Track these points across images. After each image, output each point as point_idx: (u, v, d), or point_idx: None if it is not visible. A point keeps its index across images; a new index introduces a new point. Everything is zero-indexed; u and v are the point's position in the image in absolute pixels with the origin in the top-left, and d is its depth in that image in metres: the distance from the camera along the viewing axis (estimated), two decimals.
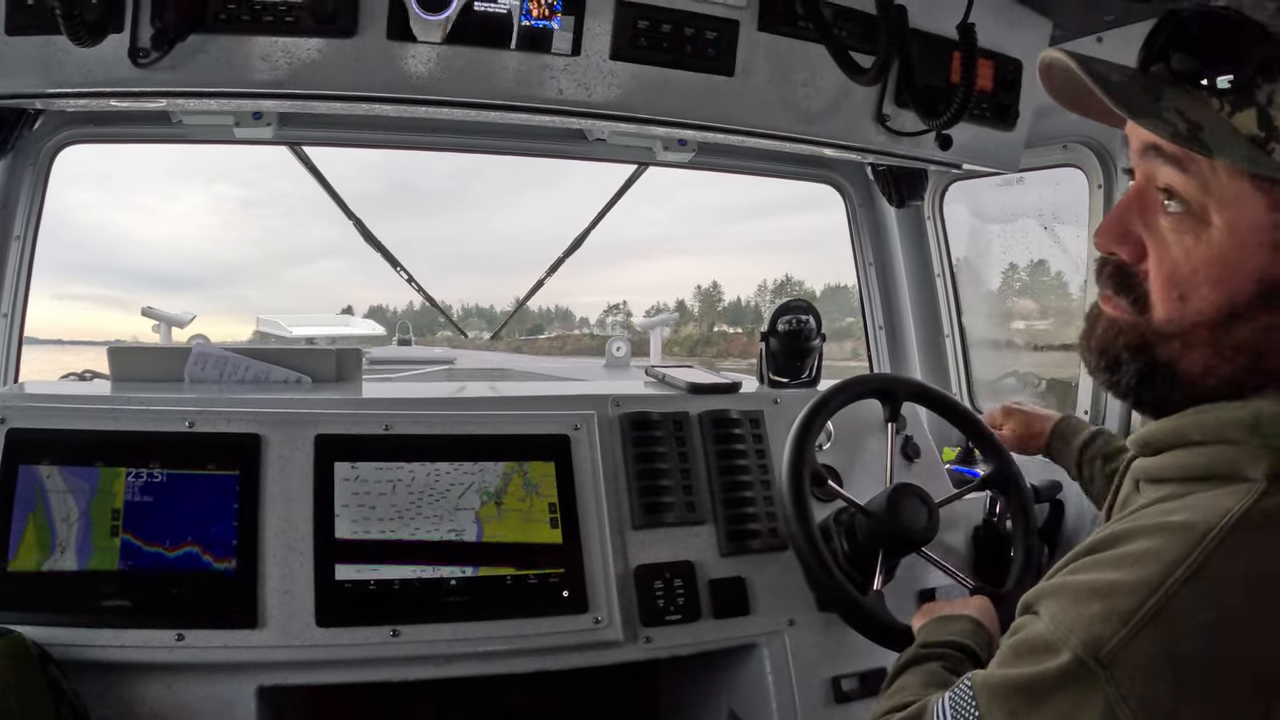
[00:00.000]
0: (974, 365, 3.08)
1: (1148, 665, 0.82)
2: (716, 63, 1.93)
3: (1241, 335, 0.91)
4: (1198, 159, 0.89)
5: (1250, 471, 0.89)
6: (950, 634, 1.53)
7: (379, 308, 15.48)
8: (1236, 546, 0.84)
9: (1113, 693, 0.82)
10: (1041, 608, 0.93)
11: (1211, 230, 0.90)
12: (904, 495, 1.93)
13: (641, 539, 2.02)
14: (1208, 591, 0.83)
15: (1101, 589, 0.87)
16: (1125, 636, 0.83)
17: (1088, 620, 0.86)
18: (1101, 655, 0.83)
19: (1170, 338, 0.95)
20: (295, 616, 1.68)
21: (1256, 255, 0.88)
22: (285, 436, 1.81)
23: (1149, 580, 0.84)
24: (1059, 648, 0.87)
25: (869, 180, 2.98)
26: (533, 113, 1.91)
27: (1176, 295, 0.93)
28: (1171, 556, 0.85)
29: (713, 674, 2.09)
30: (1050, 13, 2.11)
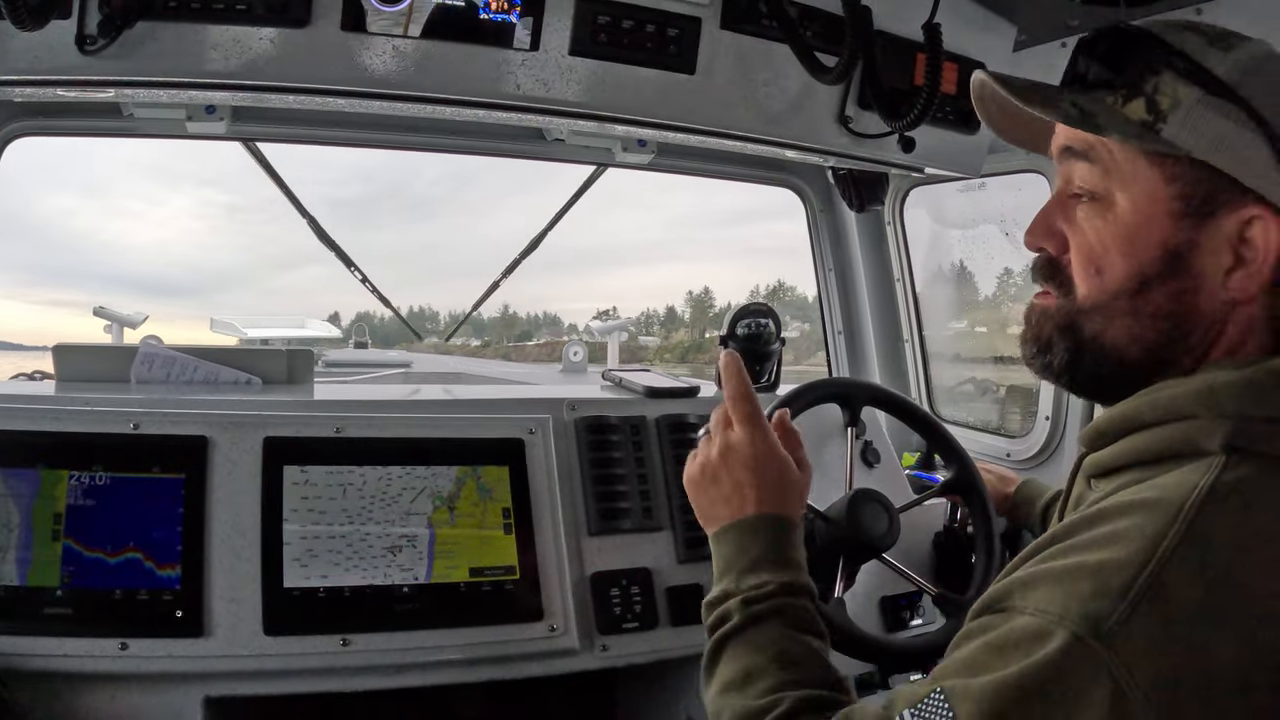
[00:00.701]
0: (934, 371, 3.13)
1: (1151, 639, 0.86)
2: (678, 60, 1.94)
3: (1156, 302, 1.03)
4: (1101, 150, 1.05)
5: (1206, 445, 0.97)
6: (764, 567, 1.35)
7: (366, 314, 15.37)
8: (1212, 516, 0.91)
9: (1120, 671, 0.85)
10: (1017, 601, 0.95)
11: (1117, 209, 1.05)
12: (864, 501, 1.95)
13: (598, 545, 2.03)
14: (1195, 560, 0.88)
15: (1090, 568, 0.91)
16: (1125, 611, 0.86)
17: (1081, 600, 0.89)
18: (1103, 633, 0.86)
19: (1092, 312, 1.08)
20: (242, 625, 1.67)
21: (1159, 225, 1.02)
22: (233, 439, 1.80)
23: (1138, 554, 0.89)
24: (1052, 632, 0.89)
25: (829, 184, 3.03)
26: (490, 109, 1.91)
27: (1094, 271, 1.07)
28: (1154, 530, 0.90)
29: (671, 682, 2.11)
30: (1015, 18, 2.15)
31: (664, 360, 18.08)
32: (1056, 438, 2.60)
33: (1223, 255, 1.01)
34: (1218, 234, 1.00)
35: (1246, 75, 1.00)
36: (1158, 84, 1.02)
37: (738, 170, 2.98)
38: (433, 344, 10.56)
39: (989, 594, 1.01)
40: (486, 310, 16.47)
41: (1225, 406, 0.97)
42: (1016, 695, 0.89)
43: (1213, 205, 1.00)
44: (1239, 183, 0.99)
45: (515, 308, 16.93)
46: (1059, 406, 2.59)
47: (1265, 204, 0.99)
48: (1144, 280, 1.03)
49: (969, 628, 1.01)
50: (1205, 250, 1.01)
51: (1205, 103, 1.00)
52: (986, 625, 0.98)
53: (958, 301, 3.18)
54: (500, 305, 18.53)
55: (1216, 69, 1.00)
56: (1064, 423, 2.57)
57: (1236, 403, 0.97)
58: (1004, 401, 3.05)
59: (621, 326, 5.12)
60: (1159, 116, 1.01)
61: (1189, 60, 1.01)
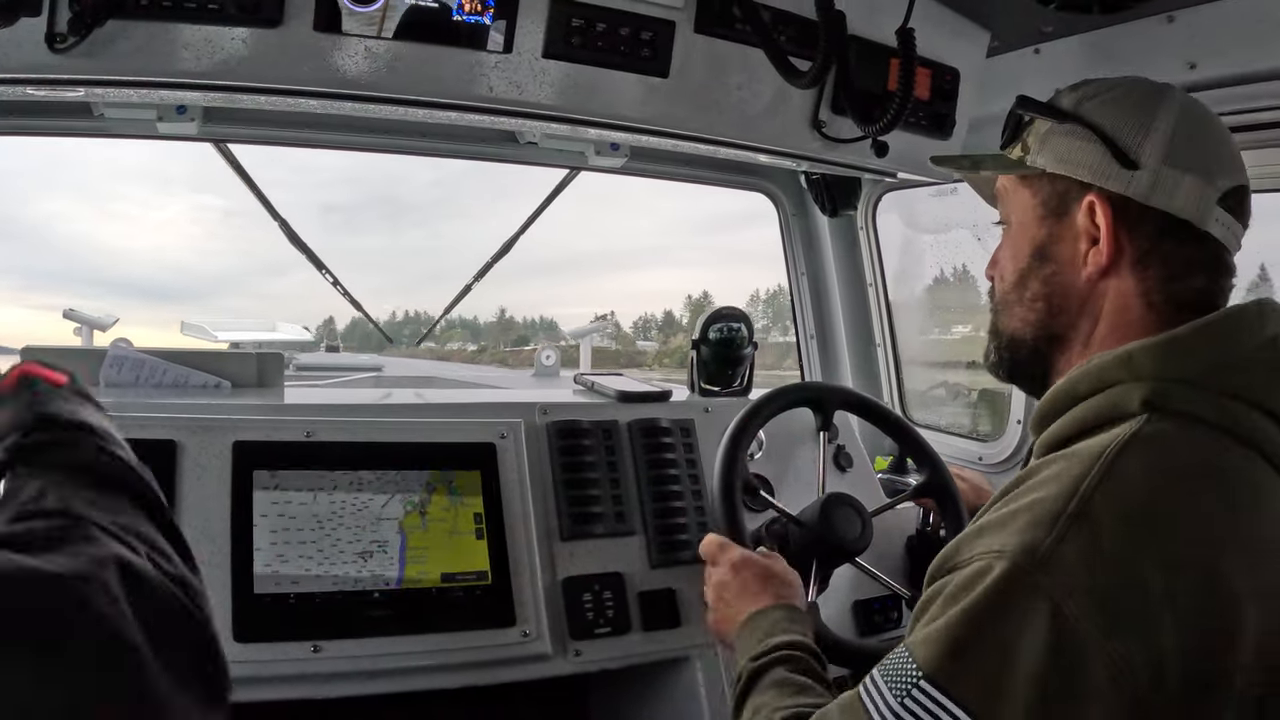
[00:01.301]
0: (906, 376, 3.17)
1: (1080, 558, 1.00)
2: (651, 64, 1.97)
3: (1033, 287, 1.32)
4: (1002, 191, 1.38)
5: (1129, 407, 1.14)
6: (770, 635, 1.58)
7: (361, 319, 15.23)
8: (1130, 458, 1.07)
9: (1056, 591, 0.99)
10: (963, 554, 1.11)
11: (1011, 228, 1.37)
12: (836, 505, 1.99)
13: (570, 550, 2.06)
14: (1115, 493, 1.04)
15: (1023, 509, 1.08)
16: (1055, 538, 1.02)
17: (1015, 534, 1.05)
18: (1037, 559, 1.01)
19: (998, 311, 1.39)
20: None
21: (1031, 229, 1.32)
22: (202, 443, 1.81)
23: (1064, 490, 1.06)
24: (992, 566, 1.04)
25: (802, 189, 3.07)
26: (463, 111, 1.93)
27: (999, 279, 1.39)
28: (1079, 471, 1.07)
29: (644, 688, 2.14)
30: (989, 24, 2.20)
31: (663, 365, 18.03)
32: (1028, 441, 2.64)
33: (1079, 241, 1.26)
34: (1072, 226, 1.27)
35: (1084, 100, 1.29)
36: (1029, 129, 1.33)
37: (711, 175, 3.02)
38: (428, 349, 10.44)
39: (937, 561, 1.17)
40: (483, 315, 16.39)
41: (1143, 370, 1.16)
42: (965, 628, 1.03)
43: (1065, 205, 1.28)
44: (1082, 183, 1.25)
45: (512, 312, 17.12)
46: (1030, 410, 2.63)
47: (1102, 192, 1.24)
48: (1023, 274, 1.33)
49: (928, 594, 1.14)
50: (1064, 240, 1.28)
51: (1054, 129, 1.29)
52: (940, 587, 1.11)
53: (930, 306, 3.23)
54: (497, 310, 18.61)
55: (1061, 103, 1.31)
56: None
57: (1153, 366, 1.16)
58: (976, 405, 3.10)
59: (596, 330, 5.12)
60: (1026, 150, 1.32)
61: (1042, 105, 1.32)
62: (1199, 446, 1.11)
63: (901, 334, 3.14)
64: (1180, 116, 1.23)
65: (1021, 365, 1.37)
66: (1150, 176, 1.21)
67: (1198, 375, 1.14)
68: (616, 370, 2.72)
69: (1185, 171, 1.21)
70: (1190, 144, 1.22)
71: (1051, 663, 0.97)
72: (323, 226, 78.95)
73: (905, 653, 1.08)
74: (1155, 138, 1.22)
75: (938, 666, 1.02)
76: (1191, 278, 1.23)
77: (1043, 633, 0.98)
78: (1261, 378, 1.14)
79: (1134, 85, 1.29)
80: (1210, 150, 1.24)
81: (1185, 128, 1.23)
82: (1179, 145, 1.22)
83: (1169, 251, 1.23)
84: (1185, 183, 1.21)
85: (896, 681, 1.06)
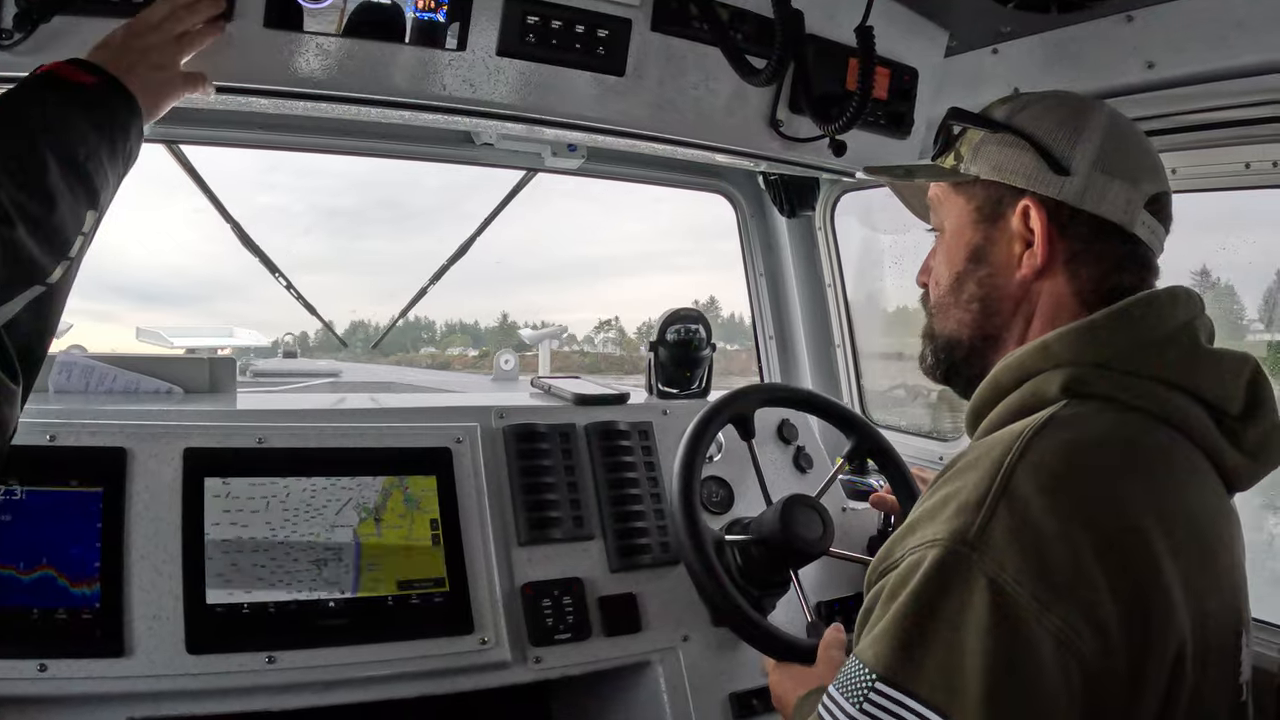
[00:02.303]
0: (866, 377, 3.22)
1: (1010, 534, 1.05)
2: (607, 62, 1.99)
3: (970, 290, 1.39)
4: (935, 201, 1.46)
5: (1049, 393, 1.22)
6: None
7: (360, 323, 15.09)
8: (1047, 437, 1.14)
9: (991, 567, 1.03)
10: (898, 551, 1.15)
11: (945, 235, 1.44)
12: (797, 506, 2.03)
13: (528, 555, 2.09)
14: (1035, 465, 1.10)
15: (950, 497, 1.13)
16: (983, 519, 1.06)
17: (945, 523, 1.09)
18: (969, 540, 1.06)
19: (935, 315, 1.47)
20: (164, 644, 1.69)
21: (965, 234, 1.40)
22: (152, 450, 1.82)
23: (986, 473, 1.11)
24: (925, 557, 1.08)
25: (760, 190, 3.12)
26: (417, 110, 1.93)
27: (934, 284, 1.47)
28: (999, 453, 1.13)
29: (606, 694, 2.17)
30: (948, 24, 2.25)
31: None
32: None
33: (1014, 244, 1.34)
34: (1006, 229, 1.35)
35: (1016, 111, 1.38)
36: (962, 140, 1.42)
37: (668, 176, 3.05)
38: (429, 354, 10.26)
39: (874, 564, 1.22)
40: (485, 320, 16.29)
41: (1060, 356, 1.24)
42: (909, 622, 1.06)
43: (999, 209, 1.36)
44: (1015, 187, 1.34)
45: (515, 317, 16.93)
46: None
47: (1036, 196, 1.32)
48: (959, 277, 1.40)
49: (867, 600, 1.19)
50: (999, 243, 1.36)
51: (987, 139, 1.38)
52: (881, 587, 1.15)
53: (889, 307, 3.27)
54: (499, 315, 18.46)
55: (995, 114, 1.40)
56: None
57: (1068, 351, 1.24)
58: (935, 406, 3.16)
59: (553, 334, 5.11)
60: (960, 159, 1.41)
61: (976, 117, 1.41)
62: (1116, 424, 1.19)
63: (861, 335, 3.19)
64: (1108, 126, 1.34)
65: (957, 366, 1.44)
66: (1082, 182, 1.30)
67: (1113, 359, 1.22)
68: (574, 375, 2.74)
69: (1114, 177, 1.31)
70: (1118, 152, 1.32)
71: (999, 640, 1.00)
72: (328, 231, 78.53)
73: (855, 661, 1.10)
74: (1085, 145, 1.31)
75: (889, 665, 1.05)
76: (1120, 275, 1.32)
77: (985, 612, 1.01)
78: (1178, 359, 1.23)
79: (1064, 97, 1.39)
80: (1135, 158, 1.33)
81: (1113, 137, 1.33)
82: (1108, 153, 1.31)
83: (1099, 252, 1.32)
84: (1114, 188, 1.30)
85: (851, 689, 1.08)
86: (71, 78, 1.44)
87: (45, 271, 1.33)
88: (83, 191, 1.39)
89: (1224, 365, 1.25)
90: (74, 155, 1.38)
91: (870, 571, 1.22)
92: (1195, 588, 1.11)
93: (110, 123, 1.46)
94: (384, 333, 3.82)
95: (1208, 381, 1.23)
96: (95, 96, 1.45)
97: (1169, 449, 1.19)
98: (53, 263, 1.34)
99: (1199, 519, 1.17)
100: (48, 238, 1.33)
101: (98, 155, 1.42)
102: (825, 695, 1.13)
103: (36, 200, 1.31)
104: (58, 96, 1.41)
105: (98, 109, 1.45)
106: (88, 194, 1.41)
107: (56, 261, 1.35)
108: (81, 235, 1.40)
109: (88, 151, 1.40)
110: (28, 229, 1.29)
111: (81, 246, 1.41)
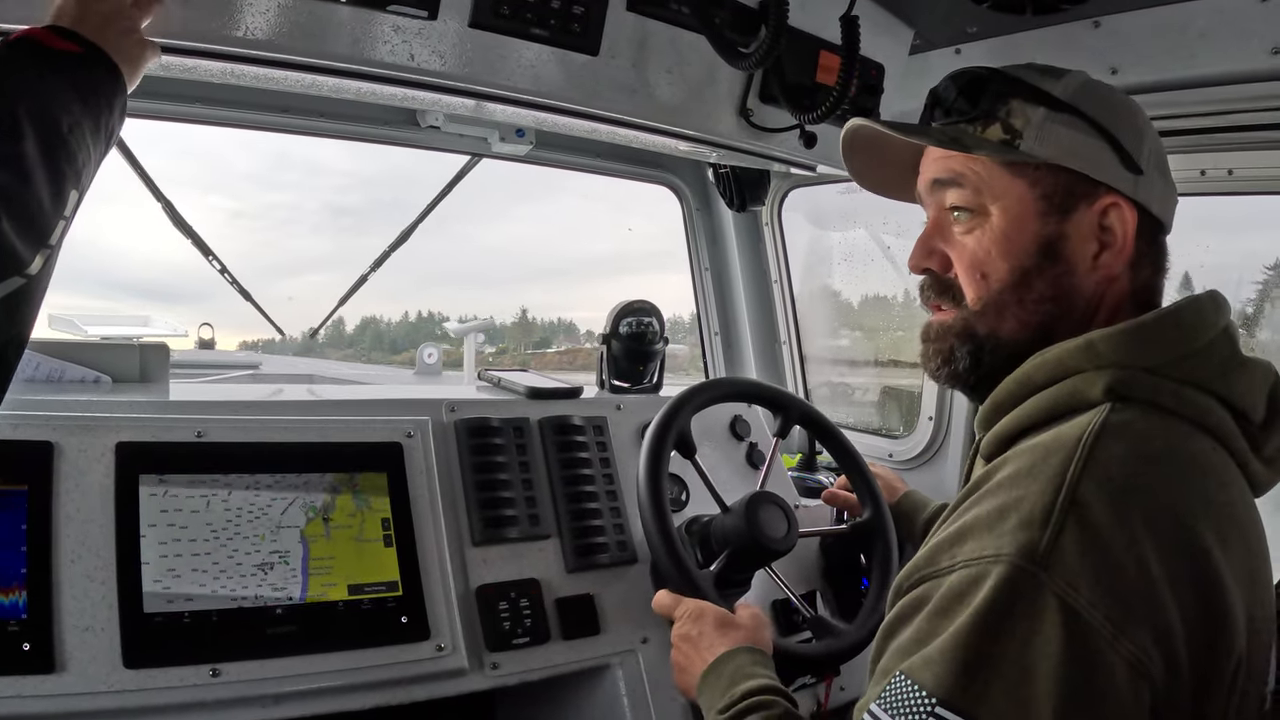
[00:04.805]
0: (813, 373, 3.18)
1: (1081, 551, 0.96)
2: (581, 40, 1.87)
3: (1039, 289, 1.21)
4: (969, 174, 1.24)
5: (1091, 395, 1.12)
6: (736, 682, 1.52)
7: (371, 318, 14.65)
8: (1107, 446, 1.04)
9: (1061, 587, 0.95)
10: (944, 561, 1.05)
11: (992, 219, 1.23)
12: (760, 506, 1.95)
13: (483, 556, 1.96)
14: (1100, 479, 1.01)
15: (1010, 506, 1.02)
16: (1052, 533, 0.97)
17: (1009, 535, 0.99)
18: (1038, 557, 0.96)
19: (984, 312, 1.25)
20: (99, 658, 1.50)
21: (1031, 224, 1.21)
22: (81, 444, 1.62)
23: (1051, 483, 1.01)
24: (989, 572, 0.98)
25: (707, 183, 3.04)
26: (381, 83, 1.78)
27: (979, 276, 1.24)
28: (1059, 460, 1.04)
29: (565, 698, 2.05)
30: (914, 21, 2.20)
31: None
32: (940, 437, 2.69)
33: (1089, 241, 1.20)
34: (1081, 224, 1.20)
35: (1080, 94, 1.23)
36: (1009, 110, 1.23)
37: (615, 166, 2.96)
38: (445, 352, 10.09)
39: (910, 570, 1.10)
40: (502, 316, 15.93)
41: (1105, 357, 1.14)
42: (975, 640, 0.96)
43: (1073, 201, 1.20)
44: (1091, 179, 1.20)
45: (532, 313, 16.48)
46: (942, 407, 2.68)
47: (1117, 193, 1.20)
48: (1024, 273, 1.21)
49: (901, 608, 1.08)
50: (1073, 239, 1.20)
51: (1051, 118, 1.21)
52: (922, 597, 1.05)
53: (837, 303, 3.24)
54: (518, 310, 17.98)
55: (1054, 91, 1.23)
56: (947, 422, 2.66)
57: (1115, 354, 1.13)
58: (884, 403, 3.13)
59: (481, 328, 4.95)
60: (1015, 135, 1.22)
61: (1031, 88, 1.23)
62: (1165, 432, 1.10)
63: (807, 331, 3.13)
64: (1151, 123, 1.26)
65: (997, 371, 1.25)
66: (1149, 181, 1.22)
67: (1158, 364, 1.13)
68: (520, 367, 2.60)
69: (1163, 177, 1.24)
70: (1160, 151, 1.26)
71: (1072, 666, 0.93)
72: (336, 229, 76.10)
73: (906, 680, 0.99)
74: (1148, 141, 1.23)
75: (953, 688, 0.95)
76: (1159, 278, 1.27)
77: (1057, 632, 0.93)
78: (1217, 367, 1.16)
79: (1106, 85, 1.27)
80: (1165, 157, 1.27)
81: (1155, 134, 1.26)
82: (1159, 151, 1.25)
83: (1154, 254, 1.25)
84: (1165, 188, 1.24)
85: (906, 712, 0.97)
86: (53, 45, 1.26)
87: (23, 261, 1.16)
88: (67, 167, 1.23)
89: (1254, 374, 1.19)
90: (57, 127, 1.21)
91: (904, 577, 1.11)
92: (1247, 598, 1.05)
93: (94, 93, 1.29)
94: (323, 322, 3.66)
95: (1240, 389, 1.16)
96: (79, 65, 1.28)
97: (1213, 457, 1.12)
98: (31, 251, 1.17)
99: (1246, 528, 1.11)
100: (28, 221, 1.16)
101: (81, 128, 1.25)
102: (868, 715, 1.02)
103: (12, 173, 1.15)
104: (38, 64, 1.24)
105: (83, 80, 1.28)
106: (72, 169, 1.24)
107: (36, 249, 1.18)
108: (63, 219, 1.23)
109: (71, 122, 1.23)
110: (3, 208, 1.12)
111: (62, 232, 1.24)
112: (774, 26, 1.70)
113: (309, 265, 9.86)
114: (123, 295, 25.04)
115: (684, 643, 1.69)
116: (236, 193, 11.79)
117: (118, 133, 1.38)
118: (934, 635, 1.00)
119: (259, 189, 15.79)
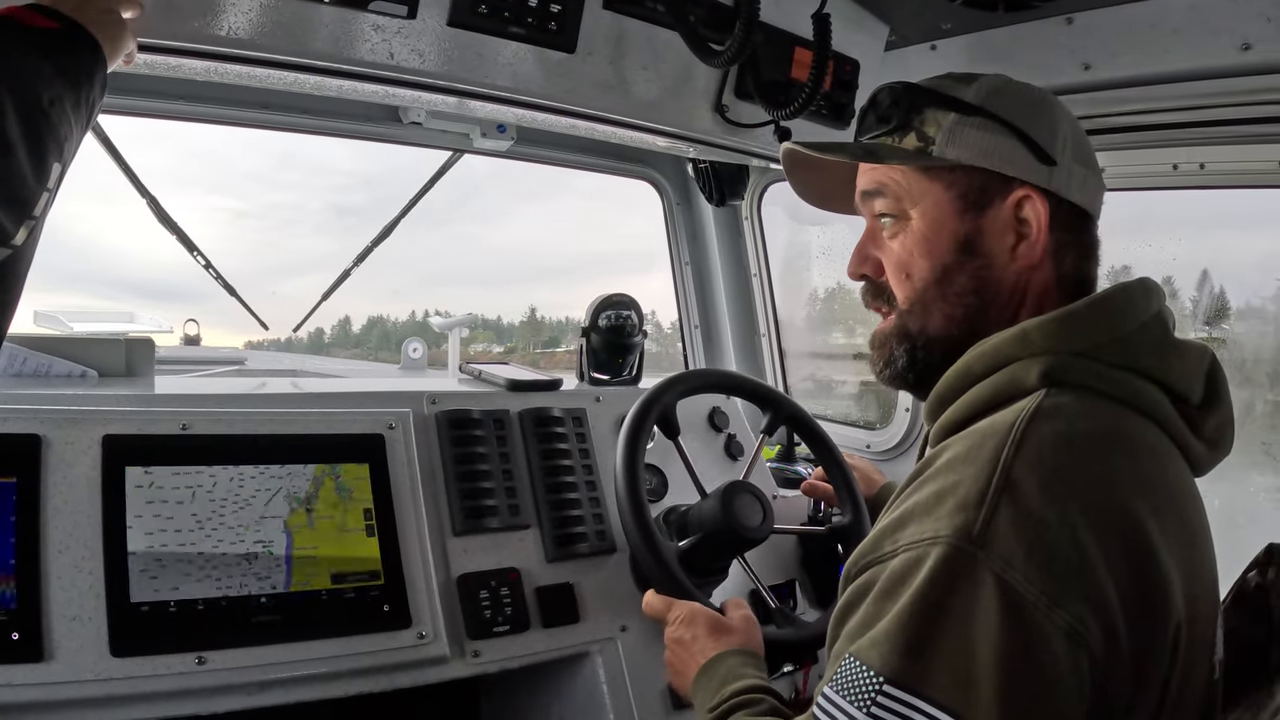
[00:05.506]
0: (792, 366, 3.20)
1: (1015, 529, 1.01)
2: (558, 38, 1.90)
3: (960, 283, 1.27)
4: (890, 183, 1.31)
5: (1027, 382, 1.16)
6: (727, 682, 1.56)
7: (378, 318, 14.65)
8: (1039, 427, 1.09)
9: (998, 564, 0.99)
10: (887, 546, 1.10)
11: (913, 222, 1.30)
12: (737, 495, 1.98)
13: (464, 545, 1.98)
14: (1034, 459, 1.05)
15: (945, 491, 1.07)
16: (987, 514, 1.02)
17: (946, 518, 1.04)
18: (974, 537, 1.01)
19: (912, 311, 1.31)
20: (86, 646, 1.52)
21: (949, 224, 1.28)
22: (69, 437, 1.64)
23: (985, 466, 1.06)
24: (928, 554, 1.03)
25: (687, 178, 3.07)
26: (361, 80, 1.81)
27: (904, 276, 1.31)
28: (993, 444, 1.08)
29: (545, 686, 2.08)
30: (889, 18, 2.23)
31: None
32: (916, 429, 2.72)
33: (1005, 234, 1.26)
34: (997, 219, 1.26)
35: (991, 96, 1.28)
36: (923, 119, 1.29)
37: (595, 161, 2.97)
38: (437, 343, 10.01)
39: (856, 556, 1.15)
40: (510, 315, 15.83)
41: (1039, 345, 1.18)
42: (918, 620, 1.00)
43: (987, 197, 1.26)
44: (1003, 175, 1.25)
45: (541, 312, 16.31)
46: (917, 403, 2.69)
47: (1031, 186, 1.25)
48: (945, 270, 1.28)
49: (850, 594, 1.13)
50: (989, 233, 1.26)
51: (962, 122, 1.27)
52: (868, 582, 1.10)
53: (816, 296, 3.26)
54: (527, 310, 17.83)
55: (964, 96, 1.28)
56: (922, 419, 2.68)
57: (1048, 341, 1.18)
58: (861, 395, 3.16)
59: (464, 323, 4.93)
60: (928, 141, 1.28)
61: (941, 96, 1.29)
62: (1099, 414, 1.14)
63: (787, 324, 3.16)
64: (1068, 114, 1.31)
65: (935, 367, 1.30)
66: (1065, 171, 1.27)
67: (1091, 349, 1.17)
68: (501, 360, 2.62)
69: (1083, 166, 1.29)
70: (1080, 141, 1.31)
71: (1010, 639, 0.96)
72: (340, 229, 75.91)
73: (855, 661, 1.03)
74: (1062, 134, 1.28)
75: (898, 667, 0.99)
76: (1089, 264, 1.31)
77: (994, 608, 0.97)
78: (1150, 350, 1.20)
79: (1022, 84, 1.32)
80: (1089, 148, 1.32)
81: (1075, 126, 1.31)
82: (1078, 142, 1.30)
83: (1078, 242, 1.30)
84: (1088, 178, 1.29)
85: (855, 692, 1.02)
86: (31, 22, 1.28)
87: (8, 233, 1.18)
88: (50, 140, 1.24)
89: (1189, 356, 1.24)
90: (37, 100, 1.23)
91: (851, 564, 1.16)
92: (1185, 570, 1.09)
93: (75, 67, 1.31)
94: (305, 317, 3.67)
95: (1175, 372, 1.20)
96: (58, 41, 1.30)
97: (1147, 436, 1.17)
98: (15, 222, 1.19)
99: (1182, 503, 1.16)
100: (11, 193, 1.18)
101: (62, 102, 1.27)
102: (821, 697, 1.06)
103: None
104: (19, 41, 1.25)
105: (62, 54, 1.30)
106: (54, 142, 1.25)
107: (20, 220, 1.20)
108: (46, 191, 1.24)
109: (52, 96, 1.25)
110: None
111: (46, 204, 1.25)
112: (745, 24, 1.72)
113: (313, 265, 9.96)
114: (123, 295, 24.89)
115: (678, 646, 1.73)
116: (241, 193, 11.72)
117: (98, 108, 1.40)
118: (879, 617, 1.04)
119: (263, 189, 15.63)
